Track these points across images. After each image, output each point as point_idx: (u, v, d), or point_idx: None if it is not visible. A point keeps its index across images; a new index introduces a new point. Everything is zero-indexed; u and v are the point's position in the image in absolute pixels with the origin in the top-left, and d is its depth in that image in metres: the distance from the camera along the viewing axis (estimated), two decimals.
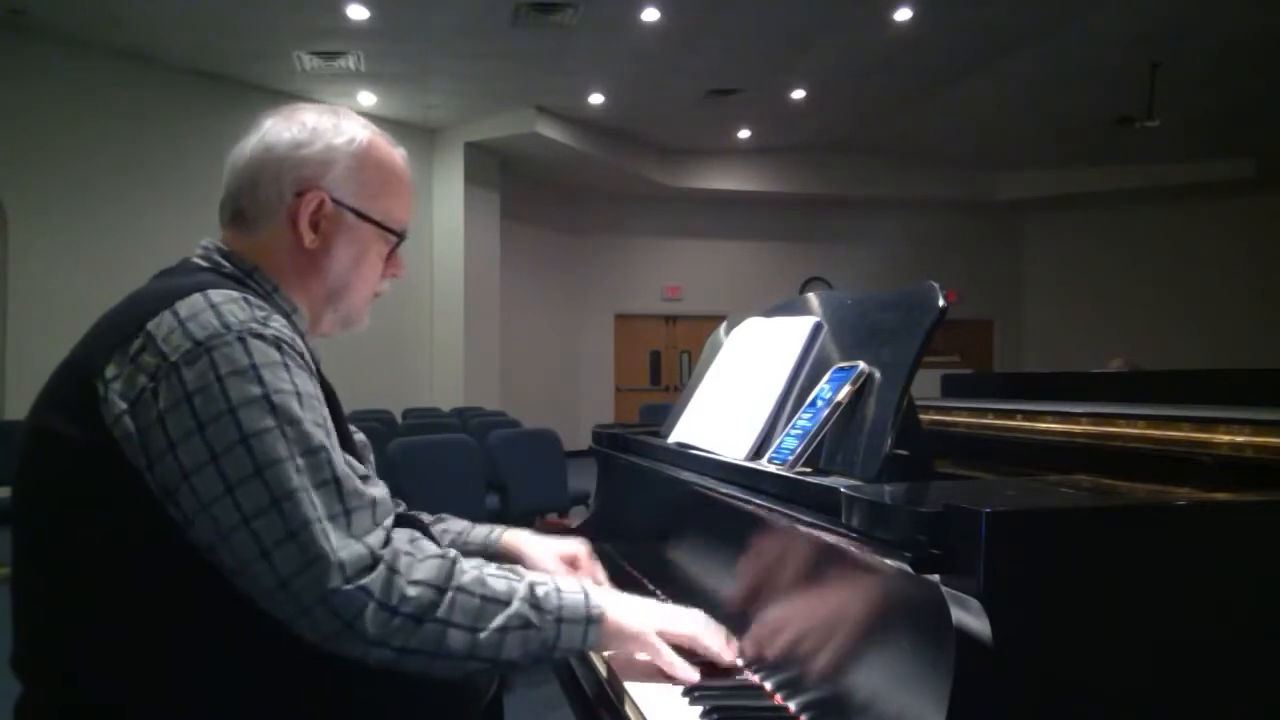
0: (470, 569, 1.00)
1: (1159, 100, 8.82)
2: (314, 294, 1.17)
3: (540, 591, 1.02)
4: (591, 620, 1.03)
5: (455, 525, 1.47)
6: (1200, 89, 9.24)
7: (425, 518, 1.47)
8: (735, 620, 1.17)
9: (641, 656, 1.09)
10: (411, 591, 0.93)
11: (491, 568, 1.02)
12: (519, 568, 1.07)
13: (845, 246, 13.29)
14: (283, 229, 1.13)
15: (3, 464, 1.24)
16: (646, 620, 1.08)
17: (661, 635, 1.08)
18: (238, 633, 0.96)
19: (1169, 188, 12.28)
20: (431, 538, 1.29)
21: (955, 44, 8.41)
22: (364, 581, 0.91)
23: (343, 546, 0.91)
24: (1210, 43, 8.22)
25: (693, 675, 1.05)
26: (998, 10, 7.61)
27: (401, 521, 1.16)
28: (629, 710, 1.03)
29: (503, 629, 0.97)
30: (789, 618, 1.05)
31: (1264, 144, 10.92)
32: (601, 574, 1.46)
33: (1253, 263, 12.01)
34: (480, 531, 1.47)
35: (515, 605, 0.99)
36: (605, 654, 1.15)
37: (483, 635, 0.96)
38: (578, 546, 1.44)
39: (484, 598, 0.98)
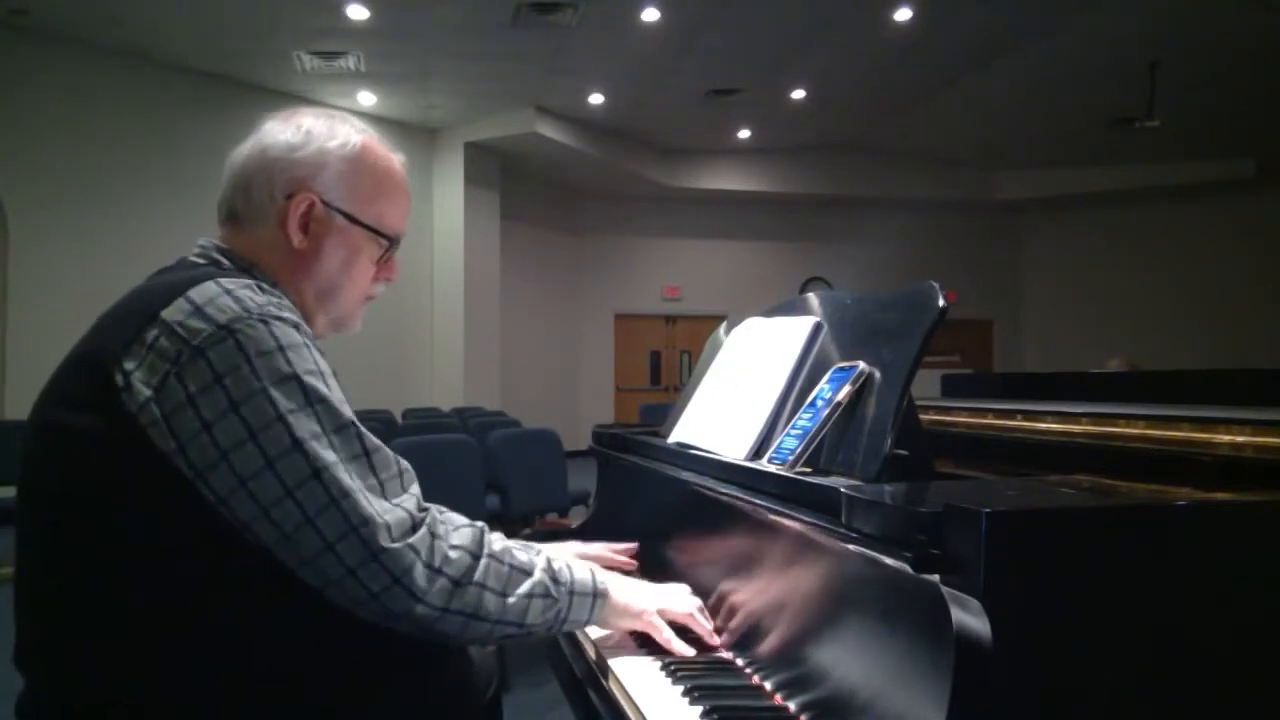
0: (497, 539, 1.07)
1: (1159, 100, 8.81)
2: (305, 295, 1.18)
3: (556, 565, 1.11)
4: (598, 595, 1.13)
5: None
6: (1200, 89, 9.24)
7: None
8: (735, 620, 1.17)
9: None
10: (453, 554, 1.00)
11: (512, 541, 1.10)
12: (532, 544, 1.13)
13: (845, 246, 13.28)
14: (274, 230, 1.14)
15: (3, 464, 1.24)
16: (646, 599, 1.18)
17: (662, 614, 1.18)
18: (243, 631, 0.97)
19: (1169, 188, 12.27)
20: None
21: (955, 44, 8.40)
22: (411, 540, 0.96)
23: (386, 511, 0.96)
24: (1210, 43, 8.22)
25: (689, 651, 1.15)
26: (998, 10, 7.61)
27: None
28: (629, 710, 1.04)
29: (528, 595, 1.05)
30: (789, 618, 1.05)
31: (1264, 144, 10.92)
32: (605, 555, 1.48)
33: (1252, 263, 12.00)
34: None
35: (537, 574, 1.07)
36: (596, 640, 1.21)
37: (511, 600, 1.03)
38: (573, 547, 1.48)
39: (512, 566, 1.05)
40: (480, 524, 1.07)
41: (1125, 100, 9.28)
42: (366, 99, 9.54)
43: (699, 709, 0.98)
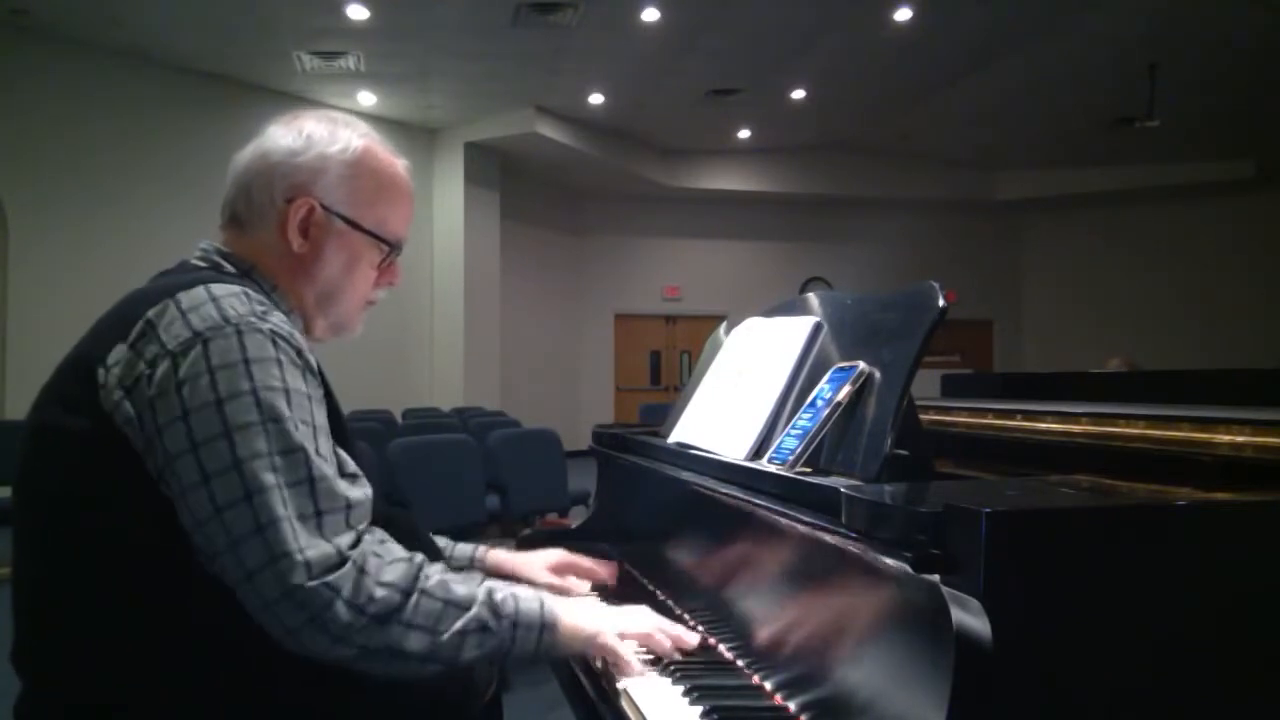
0: (435, 573, 1.01)
1: (1159, 100, 8.81)
2: (305, 299, 1.18)
3: (498, 597, 1.04)
4: (545, 627, 1.06)
5: (438, 541, 1.48)
6: (1200, 89, 9.24)
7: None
8: (735, 620, 1.17)
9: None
10: (379, 593, 0.94)
11: (453, 573, 1.04)
12: (477, 574, 1.10)
13: (845, 246, 13.28)
14: (274, 234, 1.15)
15: (3, 464, 1.24)
16: (601, 623, 1.11)
17: (622, 636, 1.11)
18: (239, 632, 0.96)
19: (1169, 188, 12.27)
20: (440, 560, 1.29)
21: (955, 44, 8.40)
22: (330, 579, 0.92)
23: (310, 546, 0.92)
24: (1210, 43, 8.22)
25: (647, 671, 1.09)
26: (998, 10, 7.61)
27: (409, 536, 1.15)
28: (629, 711, 1.04)
29: (462, 632, 0.99)
30: (789, 618, 1.05)
31: (1264, 144, 10.92)
32: (587, 562, 1.47)
33: (1252, 263, 12.00)
34: (465, 549, 1.48)
35: (475, 610, 1.01)
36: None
37: (443, 638, 0.98)
38: (559, 554, 1.47)
39: (446, 601, 0.99)
40: (418, 557, 1.02)
41: (1125, 100, 9.27)
42: (366, 99, 9.54)
43: (699, 709, 0.98)
